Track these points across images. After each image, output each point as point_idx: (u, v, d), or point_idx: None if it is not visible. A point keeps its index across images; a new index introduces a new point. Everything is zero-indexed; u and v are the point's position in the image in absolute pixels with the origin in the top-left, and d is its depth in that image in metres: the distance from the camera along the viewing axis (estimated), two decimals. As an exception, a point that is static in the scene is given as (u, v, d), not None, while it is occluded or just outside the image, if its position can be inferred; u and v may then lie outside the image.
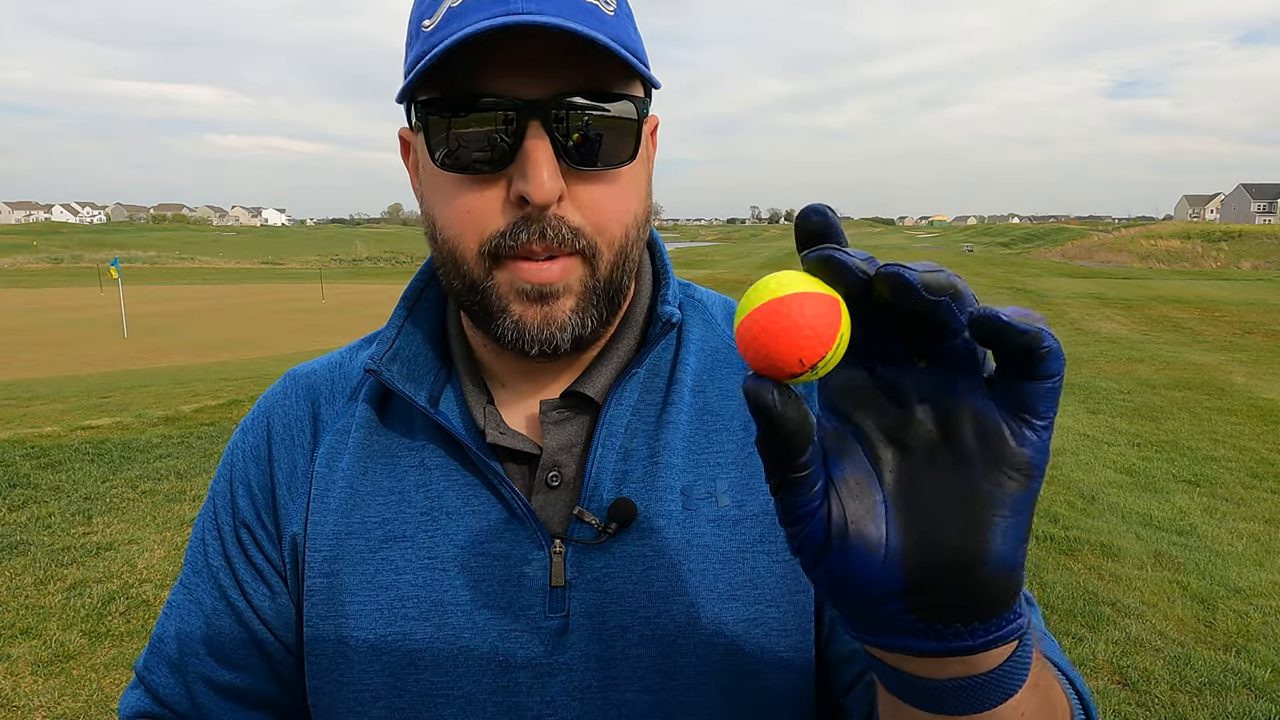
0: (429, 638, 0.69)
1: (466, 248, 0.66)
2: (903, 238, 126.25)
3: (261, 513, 0.77)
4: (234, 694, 0.77)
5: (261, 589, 0.76)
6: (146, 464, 6.37)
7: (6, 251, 64.71)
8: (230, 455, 0.81)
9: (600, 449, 0.71)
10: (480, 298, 0.68)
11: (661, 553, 0.69)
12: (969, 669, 0.43)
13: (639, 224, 0.71)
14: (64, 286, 34.02)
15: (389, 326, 0.78)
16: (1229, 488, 6.06)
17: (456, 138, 0.64)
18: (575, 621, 0.68)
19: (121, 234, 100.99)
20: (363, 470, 0.74)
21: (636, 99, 0.67)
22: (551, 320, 0.67)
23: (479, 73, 0.63)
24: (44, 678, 3.51)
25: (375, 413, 0.76)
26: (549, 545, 0.69)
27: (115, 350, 14.64)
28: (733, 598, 0.69)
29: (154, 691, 0.77)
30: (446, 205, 0.67)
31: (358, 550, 0.72)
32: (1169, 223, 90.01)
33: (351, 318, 19.86)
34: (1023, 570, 0.41)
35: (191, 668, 0.76)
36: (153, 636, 0.80)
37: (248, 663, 0.76)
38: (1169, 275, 36.45)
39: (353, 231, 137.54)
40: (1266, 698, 3.33)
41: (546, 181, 0.62)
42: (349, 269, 52.39)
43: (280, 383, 0.83)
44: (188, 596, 0.78)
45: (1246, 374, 10.73)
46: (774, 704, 0.70)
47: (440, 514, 0.71)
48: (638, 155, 0.68)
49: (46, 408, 8.84)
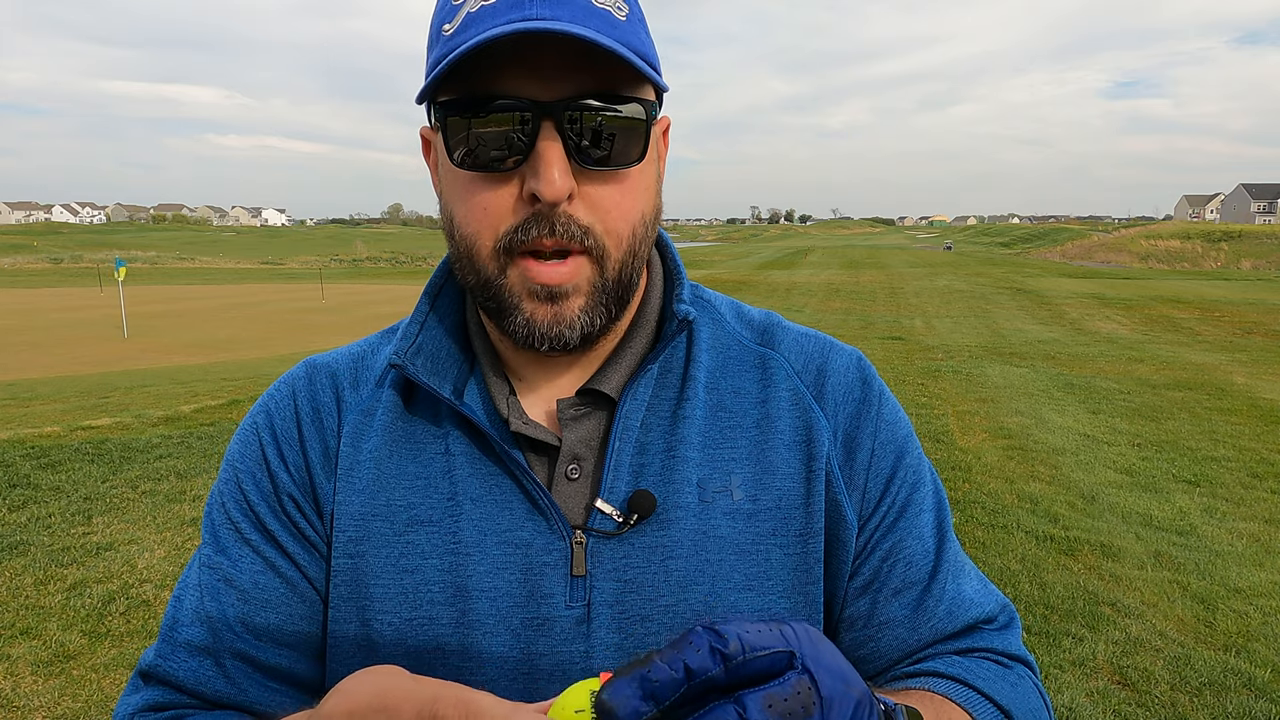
0: (453, 622, 0.70)
1: (482, 244, 0.69)
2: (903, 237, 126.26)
3: (301, 489, 0.76)
4: (274, 673, 0.74)
5: (315, 559, 0.75)
6: (146, 464, 6.37)
7: (6, 251, 64.73)
8: (255, 434, 0.79)
9: (618, 442, 0.73)
10: (494, 294, 0.70)
11: (679, 544, 0.71)
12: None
13: (647, 223, 0.73)
14: (64, 286, 34.03)
15: (411, 321, 0.79)
16: (1229, 488, 6.06)
17: (473, 137, 0.67)
18: (596, 610, 0.70)
19: (121, 234, 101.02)
20: (388, 453, 0.75)
21: (646, 101, 0.69)
22: (561, 319, 0.69)
23: (495, 75, 0.65)
24: (44, 678, 3.51)
25: (401, 400, 0.77)
26: (570, 536, 0.71)
27: (115, 350, 14.65)
28: (748, 588, 0.71)
29: (173, 679, 0.73)
30: (463, 202, 0.69)
31: (382, 533, 0.73)
32: (1169, 223, 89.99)
33: (351, 318, 19.88)
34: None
35: (227, 645, 0.73)
36: (163, 628, 0.77)
37: (293, 639, 0.74)
38: (1169, 275, 36.47)
39: (353, 231, 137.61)
40: (1266, 698, 3.33)
41: (557, 179, 0.64)
42: (349, 269, 52.41)
43: (301, 367, 0.83)
44: (216, 576, 0.75)
45: (1246, 374, 10.73)
46: None
47: (464, 500, 0.72)
48: (647, 156, 0.71)
49: (46, 408, 8.84)
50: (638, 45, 0.67)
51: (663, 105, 0.75)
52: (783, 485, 0.74)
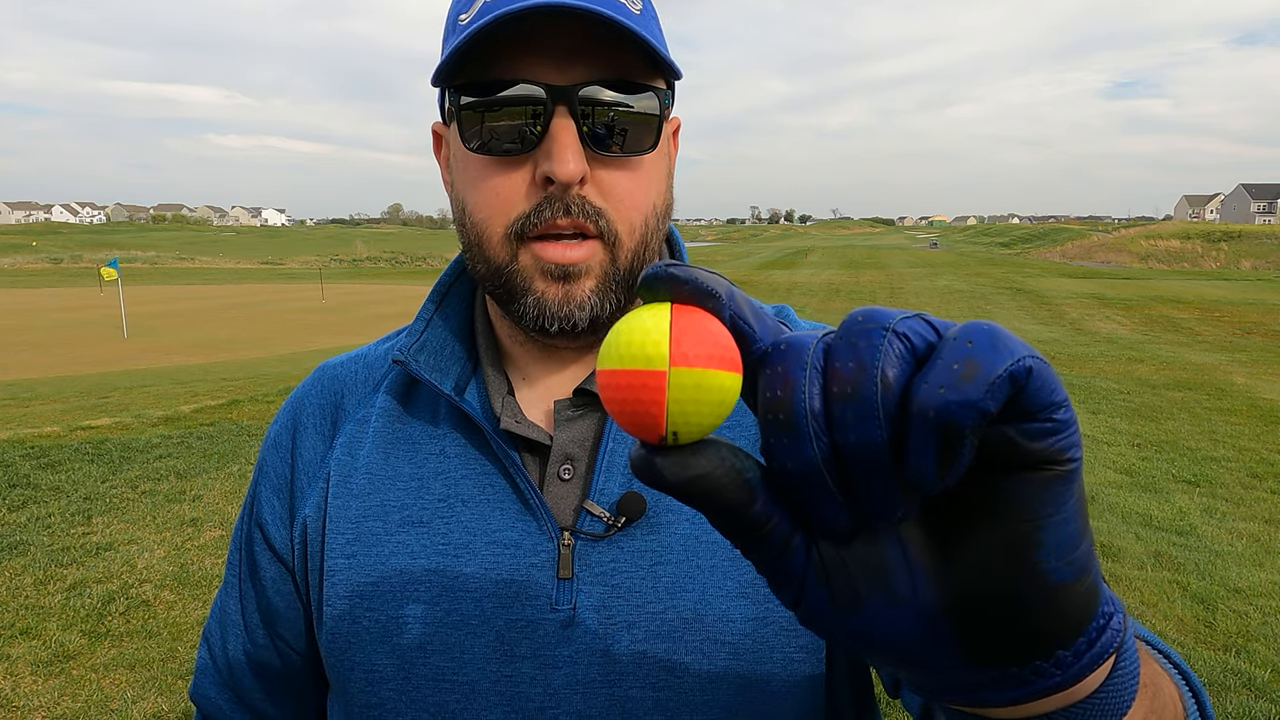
0: (438, 622, 0.70)
1: (494, 230, 0.69)
2: (903, 238, 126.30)
3: (277, 496, 0.80)
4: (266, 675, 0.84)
5: (283, 573, 0.80)
6: (146, 464, 6.37)
7: (6, 251, 64.71)
8: (261, 447, 0.86)
9: (610, 443, 0.72)
10: (505, 280, 0.70)
11: (670, 548, 0.70)
12: (1066, 700, 0.35)
13: (659, 215, 0.73)
14: (64, 286, 34.01)
15: (418, 320, 0.80)
16: (1229, 488, 6.05)
17: (486, 123, 0.67)
18: (581, 614, 0.69)
19: (121, 234, 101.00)
20: (384, 456, 0.76)
21: (660, 90, 0.70)
22: (571, 298, 0.69)
23: (510, 60, 0.66)
24: (44, 678, 3.50)
25: (397, 403, 0.78)
26: (558, 537, 0.70)
27: (115, 350, 14.63)
28: (741, 595, 0.69)
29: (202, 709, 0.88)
30: (475, 188, 0.70)
31: (376, 533, 0.73)
32: (1169, 223, 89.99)
33: (351, 318, 19.87)
34: (1094, 568, 0.33)
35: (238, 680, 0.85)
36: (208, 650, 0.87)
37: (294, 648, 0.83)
38: (1169, 275, 36.47)
39: (353, 231, 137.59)
40: (1266, 698, 3.33)
41: (571, 161, 0.65)
42: (349, 269, 52.38)
43: (313, 374, 0.86)
44: (228, 613, 0.84)
45: (1246, 374, 10.72)
46: (781, 705, 0.69)
47: (457, 501, 0.72)
48: (659, 146, 0.71)
49: (46, 408, 8.84)
50: (651, 36, 0.68)
51: (675, 98, 0.75)
52: None
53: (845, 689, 0.75)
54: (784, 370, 0.31)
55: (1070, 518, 0.31)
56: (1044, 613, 0.32)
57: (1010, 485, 0.30)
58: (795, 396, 0.30)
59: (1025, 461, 0.30)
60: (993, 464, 0.30)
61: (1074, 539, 0.31)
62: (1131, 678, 0.37)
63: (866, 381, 0.29)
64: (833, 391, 0.30)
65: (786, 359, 0.31)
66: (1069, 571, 0.31)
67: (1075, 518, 0.31)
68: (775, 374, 0.31)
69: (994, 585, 0.31)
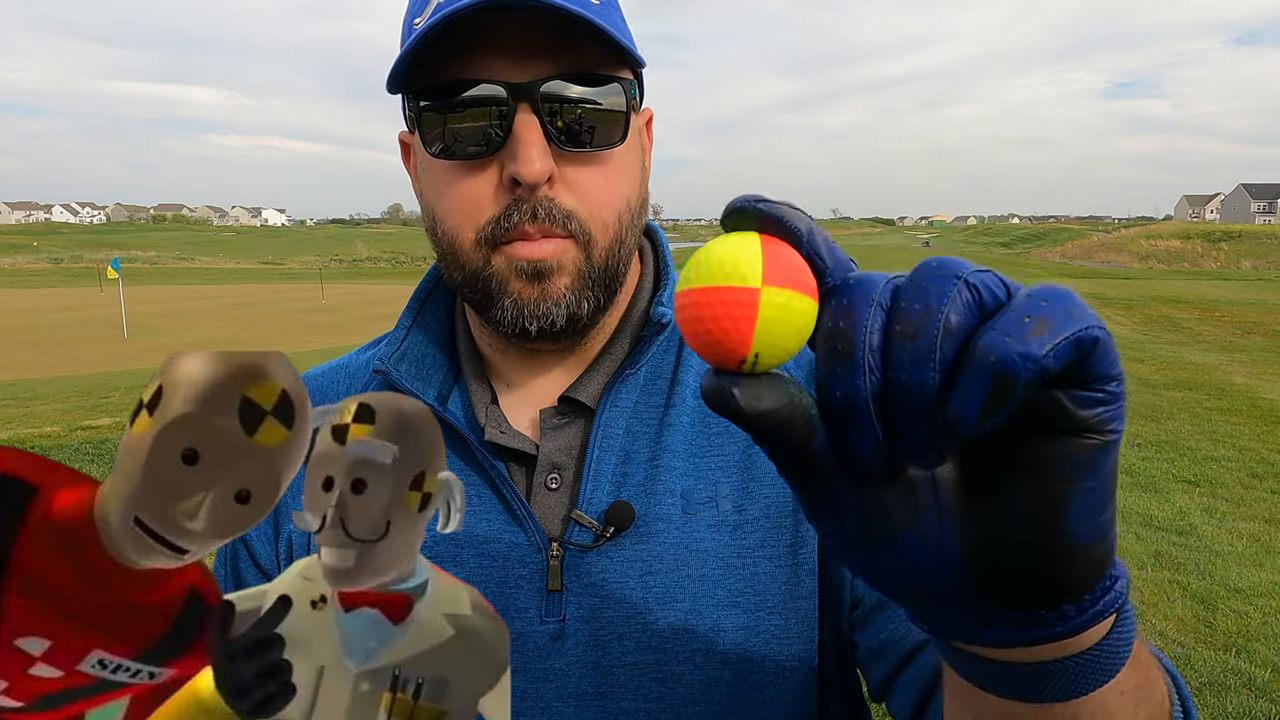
0: None
1: (465, 237, 0.68)
2: (903, 238, 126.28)
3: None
4: None
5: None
6: (146, 464, 6.37)
7: (6, 251, 64.71)
8: None
9: (597, 451, 0.70)
10: (482, 284, 0.69)
11: (660, 558, 0.68)
12: (1061, 651, 0.38)
13: (633, 210, 0.71)
14: (64, 286, 34.00)
15: (397, 328, 0.78)
16: (1229, 488, 6.05)
17: (448, 126, 0.65)
18: (571, 626, 0.67)
19: (121, 234, 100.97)
20: None
21: (625, 81, 0.68)
22: (547, 295, 0.67)
23: (468, 60, 0.64)
24: (44, 678, 3.50)
25: None
26: (546, 548, 0.68)
27: (115, 350, 14.63)
28: (733, 604, 0.68)
29: None
30: (443, 195, 0.68)
31: None
32: (1169, 223, 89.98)
33: (351, 318, 19.86)
34: (1112, 534, 0.35)
35: None
36: None
37: None
38: (1169, 275, 36.46)
39: (353, 232, 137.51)
40: (1266, 698, 3.33)
41: (536, 160, 0.63)
42: (349, 269, 52.37)
43: None
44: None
45: (1246, 374, 10.72)
46: (774, 714, 0.69)
47: None
48: (628, 140, 0.69)
49: (46, 408, 8.84)
50: (612, 26, 0.65)
51: (643, 90, 0.73)
52: (770, 492, 0.71)
53: (837, 697, 0.74)
54: (849, 304, 0.32)
55: (1102, 485, 0.33)
56: (1061, 568, 0.34)
57: (1051, 446, 0.32)
58: (857, 329, 0.31)
59: (1070, 426, 0.31)
60: (1030, 424, 0.31)
61: (1101, 505, 0.33)
62: (1125, 643, 0.39)
63: (930, 324, 0.30)
64: (895, 330, 0.31)
65: (854, 293, 0.32)
66: (1092, 535, 0.33)
67: (1106, 485, 0.33)
68: (841, 306, 0.32)
69: (1019, 536, 0.33)
